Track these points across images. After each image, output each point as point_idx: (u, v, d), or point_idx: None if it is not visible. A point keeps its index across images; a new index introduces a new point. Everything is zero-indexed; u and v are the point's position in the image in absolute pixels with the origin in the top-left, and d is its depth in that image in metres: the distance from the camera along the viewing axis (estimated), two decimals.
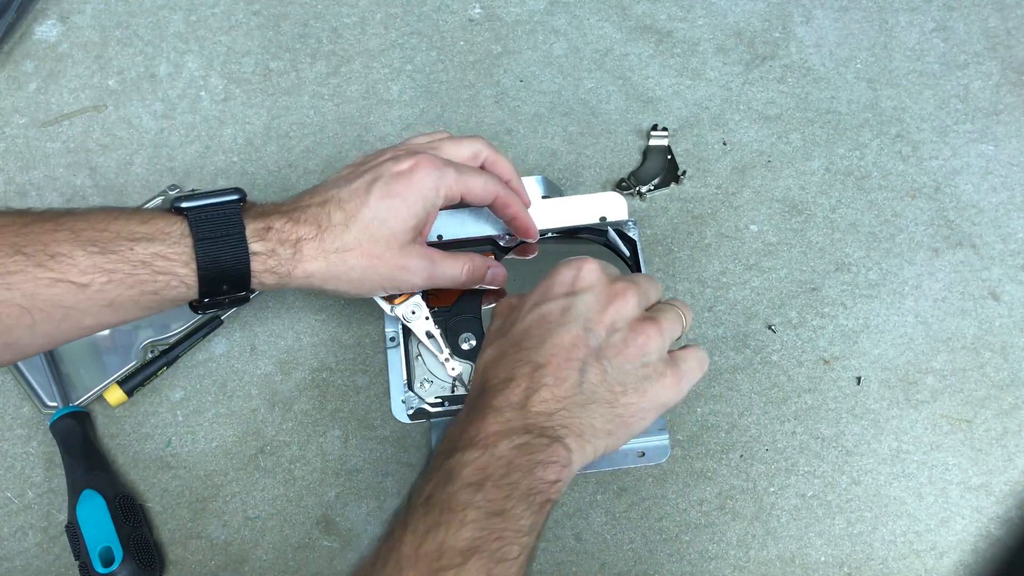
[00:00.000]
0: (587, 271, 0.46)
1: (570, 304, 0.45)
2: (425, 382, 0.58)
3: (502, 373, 0.44)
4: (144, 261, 0.44)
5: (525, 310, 0.47)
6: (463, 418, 0.44)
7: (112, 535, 0.53)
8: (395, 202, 0.49)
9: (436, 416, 0.58)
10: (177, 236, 0.45)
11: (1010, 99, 0.72)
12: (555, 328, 0.44)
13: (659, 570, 0.56)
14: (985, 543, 0.57)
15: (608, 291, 0.46)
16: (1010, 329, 0.64)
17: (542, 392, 0.43)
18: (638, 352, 0.45)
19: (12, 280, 0.41)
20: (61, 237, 0.42)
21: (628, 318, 0.45)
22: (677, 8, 0.76)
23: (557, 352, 0.44)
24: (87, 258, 0.42)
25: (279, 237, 0.47)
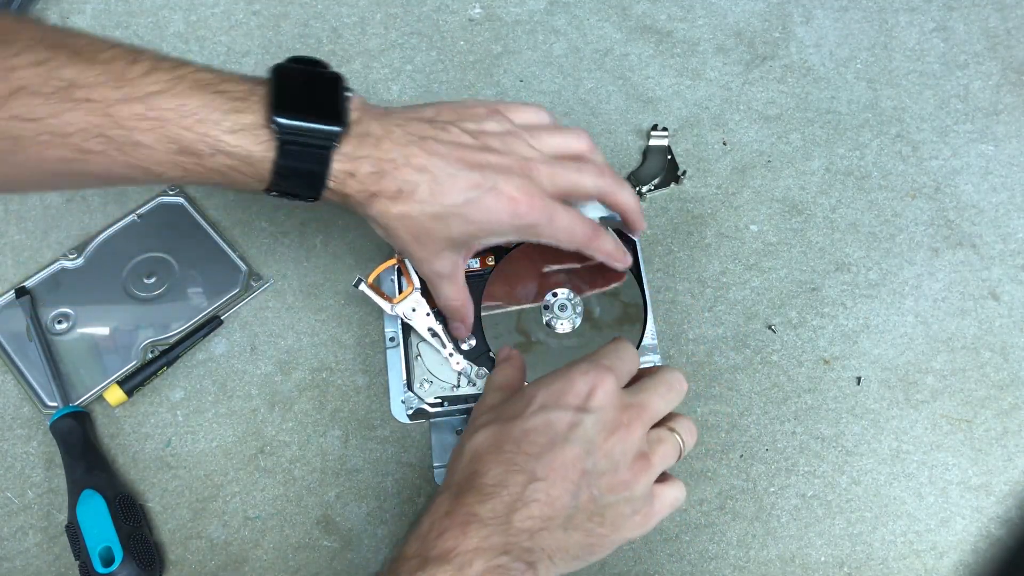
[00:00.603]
0: (602, 392, 0.44)
1: (578, 421, 0.43)
2: (424, 382, 0.58)
3: (494, 473, 0.42)
4: (221, 170, 0.44)
5: (532, 408, 0.44)
6: (443, 509, 0.42)
7: (112, 535, 0.53)
8: (474, 222, 0.48)
9: (435, 416, 0.58)
10: (259, 157, 0.45)
11: (1010, 99, 0.72)
12: (559, 442, 0.43)
13: (659, 570, 0.56)
14: (985, 543, 0.57)
15: (617, 419, 0.44)
16: (1010, 329, 0.64)
17: (532, 508, 0.41)
18: (626, 488, 0.44)
19: (91, 158, 0.42)
20: (146, 127, 0.42)
21: (627, 450, 0.44)
22: (677, 8, 0.76)
23: (556, 469, 0.42)
24: (167, 154, 0.43)
25: (358, 186, 0.47)
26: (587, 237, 0.53)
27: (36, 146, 0.42)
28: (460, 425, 0.58)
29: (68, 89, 0.41)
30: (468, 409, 0.57)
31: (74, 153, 0.42)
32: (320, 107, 0.45)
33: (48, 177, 0.45)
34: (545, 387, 0.45)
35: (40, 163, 0.43)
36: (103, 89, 0.41)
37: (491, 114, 0.51)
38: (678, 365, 0.62)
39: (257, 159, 0.44)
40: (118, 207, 0.66)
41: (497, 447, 0.43)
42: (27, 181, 0.47)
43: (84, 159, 0.42)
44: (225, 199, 0.67)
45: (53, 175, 0.45)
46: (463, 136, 0.49)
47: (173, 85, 0.43)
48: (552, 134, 0.52)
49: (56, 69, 0.40)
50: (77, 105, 0.41)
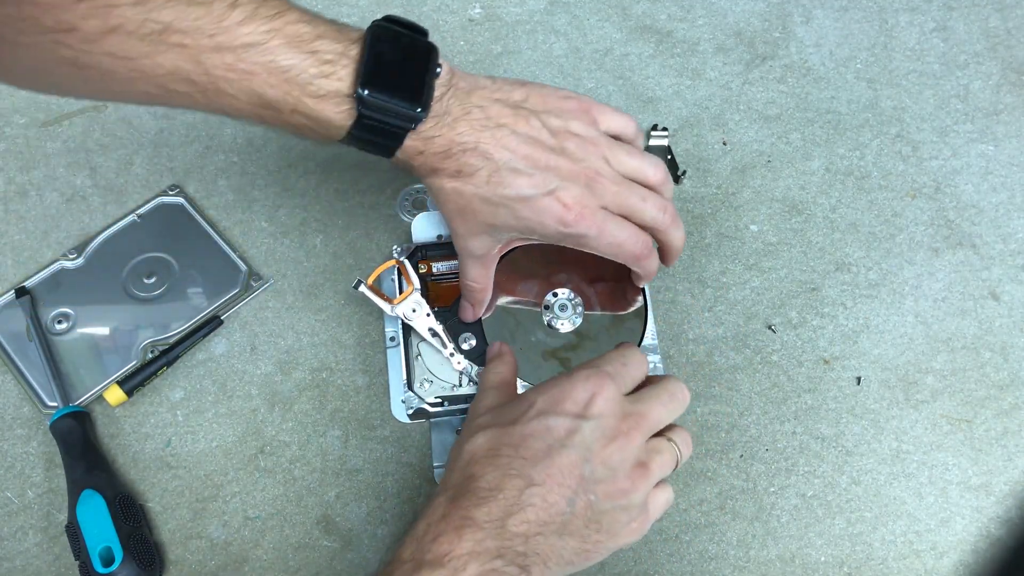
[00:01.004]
0: (603, 399, 0.44)
1: (577, 428, 0.43)
2: (425, 382, 0.58)
3: (491, 477, 0.42)
4: (297, 125, 0.45)
5: (531, 413, 0.44)
6: (439, 512, 0.42)
7: (112, 535, 0.53)
8: (517, 216, 0.48)
9: (436, 416, 0.58)
10: (338, 123, 0.45)
11: (1010, 99, 0.72)
12: (557, 448, 0.43)
13: (659, 570, 0.56)
14: (985, 543, 0.57)
15: (616, 427, 0.44)
16: (1010, 329, 0.64)
17: (527, 512, 0.41)
18: (624, 496, 0.44)
19: (175, 99, 0.43)
20: (233, 77, 0.42)
21: (625, 458, 0.44)
22: (677, 8, 0.76)
23: (553, 474, 0.42)
24: (248, 107, 0.43)
25: (423, 160, 0.47)
26: (636, 256, 0.52)
27: (125, 81, 0.42)
28: (460, 425, 0.58)
29: (163, 32, 0.40)
30: (468, 409, 0.57)
31: (159, 91, 0.42)
32: (407, 84, 0.45)
33: (130, 101, 0.46)
34: (545, 392, 0.45)
35: (126, 92, 0.44)
36: (197, 35, 0.41)
37: (580, 113, 0.50)
38: (678, 365, 0.62)
39: (334, 125, 0.45)
40: (118, 207, 0.66)
41: (494, 451, 0.43)
42: (109, 98, 0.48)
43: (168, 97, 0.43)
44: (225, 199, 0.67)
45: (136, 101, 0.46)
46: (542, 132, 0.48)
47: (268, 38, 0.42)
48: (631, 155, 0.51)
49: (155, 10, 0.40)
50: (170, 48, 0.40)
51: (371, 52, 0.44)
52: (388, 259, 0.59)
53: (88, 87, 0.44)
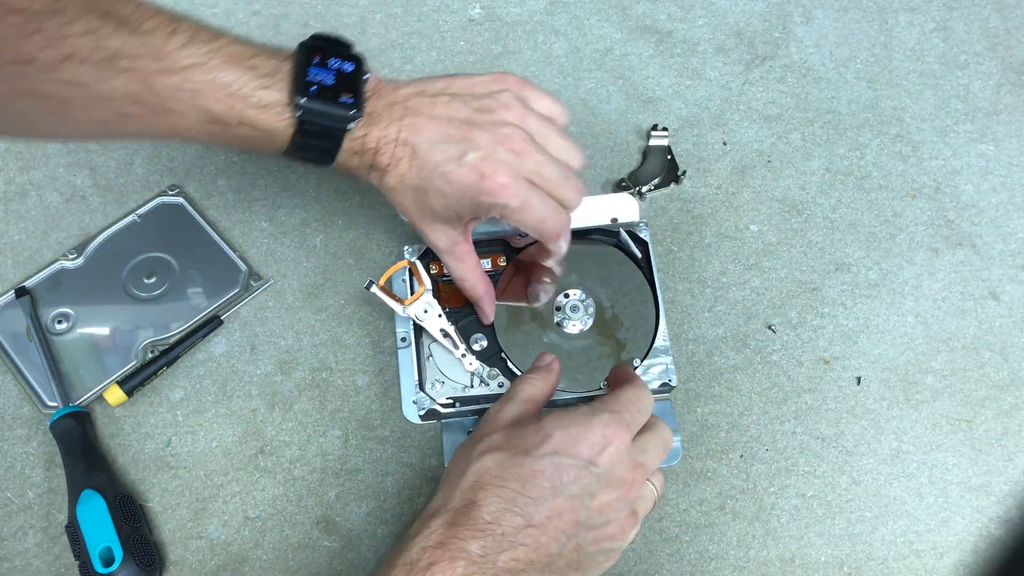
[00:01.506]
0: (615, 449, 0.44)
1: (584, 476, 0.43)
2: (436, 383, 0.58)
3: (491, 509, 0.42)
4: (243, 137, 0.47)
5: (544, 448, 0.44)
6: (435, 538, 0.42)
7: (112, 535, 0.53)
8: (448, 195, 0.49)
9: (447, 417, 0.58)
10: (281, 131, 0.48)
11: (1010, 99, 0.72)
12: (561, 491, 0.43)
13: (659, 570, 0.56)
14: (985, 543, 0.57)
15: (621, 477, 0.45)
16: (1010, 329, 0.64)
17: (519, 551, 0.42)
18: (611, 542, 0.45)
19: (128, 122, 0.46)
20: (181, 97, 0.45)
21: (623, 509, 0.45)
22: (677, 8, 0.76)
23: (553, 518, 0.43)
24: (196, 123, 0.46)
25: (360, 160, 0.50)
26: (556, 234, 0.52)
27: (82, 108, 0.44)
28: (472, 425, 0.58)
29: (114, 59, 0.43)
30: (480, 410, 0.57)
31: (114, 116, 0.45)
32: (339, 91, 0.48)
33: (86, 133, 0.49)
34: (563, 429, 0.45)
35: (83, 123, 0.46)
36: (144, 60, 0.44)
37: (509, 92, 0.51)
38: (678, 365, 0.61)
39: (278, 133, 0.48)
40: (118, 207, 0.66)
41: (502, 480, 0.43)
42: (67, 135, 0.51)
43: (122, 123, 0.46)
44: (225, 199, 0.67)
45: (90, 133, 0.49)
46: (461, 109, 0.49)
47: (208, 59, 0.45)
48: (560, 135, 0.52)
49: (104, 38, 0.43)
50: (121, 73, 0.43)
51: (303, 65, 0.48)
52: (399, 259, 0.59)
53: (46, 121, 0.47)
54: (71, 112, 0.45)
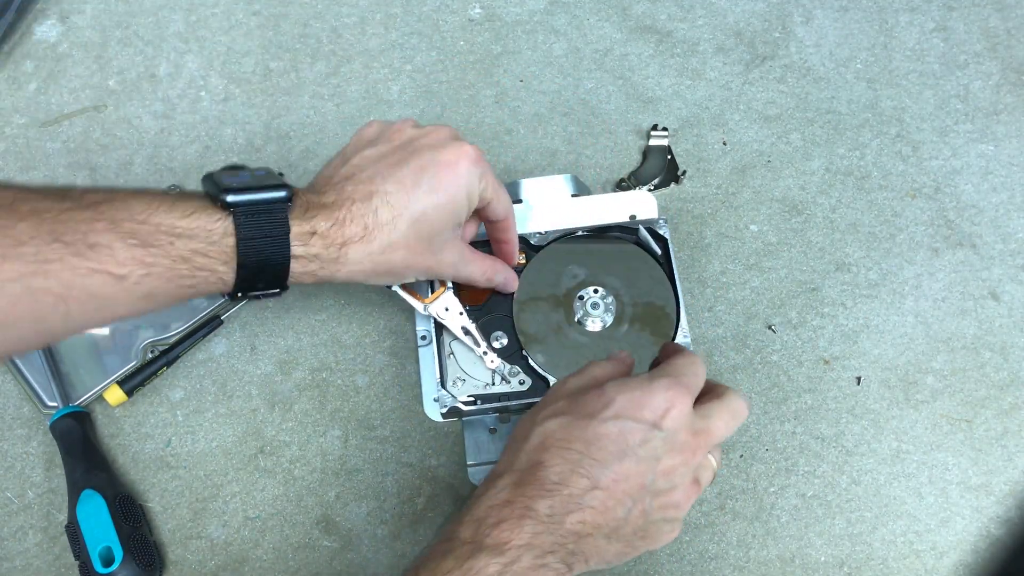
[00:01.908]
0: (677, 412, 0.44)
1: (650, 439, 0.43)
2: (458, 380, 0.58)
3: (559, 469, 0.42)
4: (184, 257, 0.43)
5: (608, 413, 0.44)
6: (502, 496, 0.42)
7: (112, 535, 0.53)
8: (442, 198, 0.48)
9: (469, 415, 0.58)
10: (219, 235, 0.44)
11: (1010, 99, 0.72)
12: (627, 455, 0.43)
13: (659, 570, 0.56)
14: (985, 543, 0.57)
15: (685, 442, 0.44)
16: (1010, 329, 0.64)
17: (585, 513, 0.42)
18: (675, 509, 0.45)
19: (50, 268, 0.39)
20: (100, 227, 0.41)
21: (687, 475, 0.45)
22: (677, 8, 0.76)
23: (619, 480, 0.42)
24: (126, 250, 0.41)
25: (324, 243, 0.46)
26: (510, 216, 0.55)
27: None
28: (493, 423, 0.58)
29: (12, 205, 0.39)
30: (501, 408, 0.57)
31: (31, 266, 0.39)
32: (260, 186, 0.45)
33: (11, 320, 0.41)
34: (626, 393, 0.44)
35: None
36: (47, 202, 0.40)
37: (396, 124, 0.52)
38: None
39: (218, 235, 0.44)
40: None
41: (566, 442, 0.43)
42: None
43: (44, 271, 0.39)
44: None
45: (13, 308, 0.40)
46: (380, 148, 0.50)
47: (112, 196, 0.42)
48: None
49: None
50: (24, 217, 0.39)
51: (211, 179, 0.46)
52: None
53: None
54: None
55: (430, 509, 0.58)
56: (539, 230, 0.61)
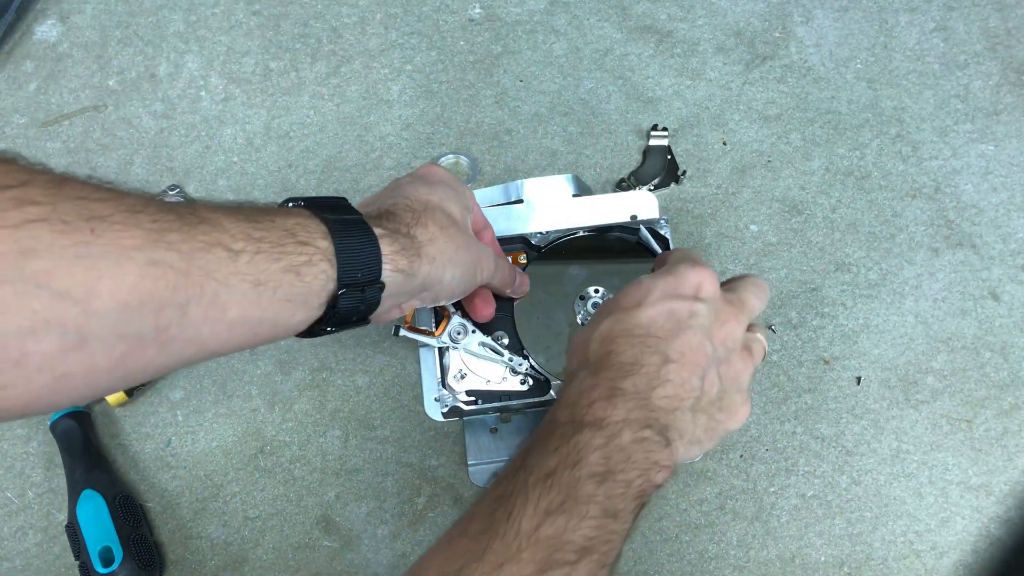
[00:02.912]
0: (709, 284, 0.46)
1: (696, 310, 0.45)
2: (459, 373, 0.58)
3: (629, 353, 0.44)
4: (287, 229, 0.40)
5: (652, 297, 0.46)
6: (587, 383, 0.43)
7: (112, 535, 0.53)
8: (445, 189, 0.49)
9: (470, 414, 0.58)
10: (308, 215, 0.42)
11: (1010, 99, 0.72)
12: (684, 328, 0.44)
13: (659, 570, 0.56)
14: (985, 543, 0.57)
15: (724, 310, 0.46)
16: (1010, 329, 0.64)
17: (667, 387, 0.43)
18: (738, 376, 0.46)
19: (171, 239, 0.35)
20: (203, 206, 0.38)
21: (736, 340, 0.46)
22: (677, 8, 0.76)
23: (685, 352, 0.44)
24: (235, 224, 0.38)
25: (393, 227, 0.46)
26: (489, 227, 0.56)
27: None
28: (494, 423, 0.58)
29: (112, 187, 0.36)
30: (502, 407, 0.57)
31: (152, 235, 0.35)
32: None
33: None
34: (659, 279, 0.46)
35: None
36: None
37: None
38: None
39: (306, 213, 0.43)
40: None
41: (627, 331, 0.45)
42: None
43: (165, 242, 0.35)
44: (225, 199, 0.67)
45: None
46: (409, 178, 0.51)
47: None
48: None
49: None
50: (129, 193, 0.36)
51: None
52: None
53: None
54: None
55: (430, 509, 0.58)
56: (540, 230, 0.61)
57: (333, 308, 0.42)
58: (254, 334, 0.40)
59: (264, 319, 0.40)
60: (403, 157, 0.69)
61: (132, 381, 0.37)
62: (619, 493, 0.40)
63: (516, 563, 0.38)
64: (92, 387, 0.35)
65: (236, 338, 0.39)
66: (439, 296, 0.49)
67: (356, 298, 0.43)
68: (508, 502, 0.39)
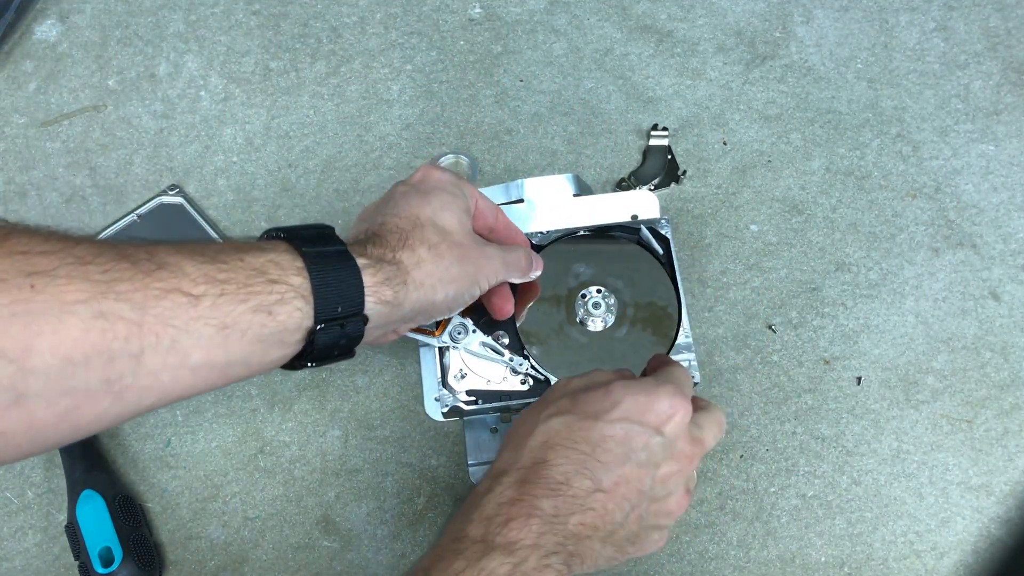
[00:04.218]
0: (680, 419, 0.44)
1: (653, 445, 0.43)
2: (460, 372, 0.58)
3: (563, 469, 0.42)
4: (257, 268, 0.40)
5: (614, 414, 0.44)
6: (508, 495, 0.42)
7: (112, 535, 0.53)
8: (442, 197, 0.49)
9: (470, 414, 0.58)
10: (284, 248, 0.42)
11: (1010, 99, 0.72)
12: (630, 459, 0.43)
13: (659, 570, 0.56)
14: (985, 543, 0.57)
15: (683, 452, 0.45)
16: (1010, 329, 0.64)
17: (587, 515, 0.42)
18: (667, 518, 0.45)
19: (120, 288, 0.34)
20: (164, 250, 0.37)
21: (681, 484, 0.45)
22: (677, 8, 0.76)
23: (621, 485, 0.43)
24: (196, 267, 0.37)
25: (378, 254, 0.45)
26: (500, 212, 0.56)
27: None
28: (494, 423, 0.58)
29: (65, 236, 0.36)
30: (502, 407, 0.57)
31: (100, 286, 0.35)
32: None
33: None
34: (632, 395, 0.44)
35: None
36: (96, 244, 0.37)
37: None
38: None
39: (288, 259, 0.42)
40: (118, 207, 0.66)
41: (571, 441, 0.43)
42: None
43: (115, 292, 0.35)
44: (225, 199, 0.67)
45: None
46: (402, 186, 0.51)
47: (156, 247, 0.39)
48: None
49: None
50: (81, 241, 0.36)
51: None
52: None
53: None
54: None
55: (430, 509, 0.58)
56: (541, 230, 0.61)
57: (312, 344, 0.41)
58: (224, 376, 0.40)
59: (233, 361, 0.39)
60: (403, 157, 0.69)
61: (85, 432, 0.36)
62: None
63: None
64: (36, 442, 0.35)
65: (203, 381, 0.39)
66: (435, 315, 0.49)
67: (335, 333, 0.42)
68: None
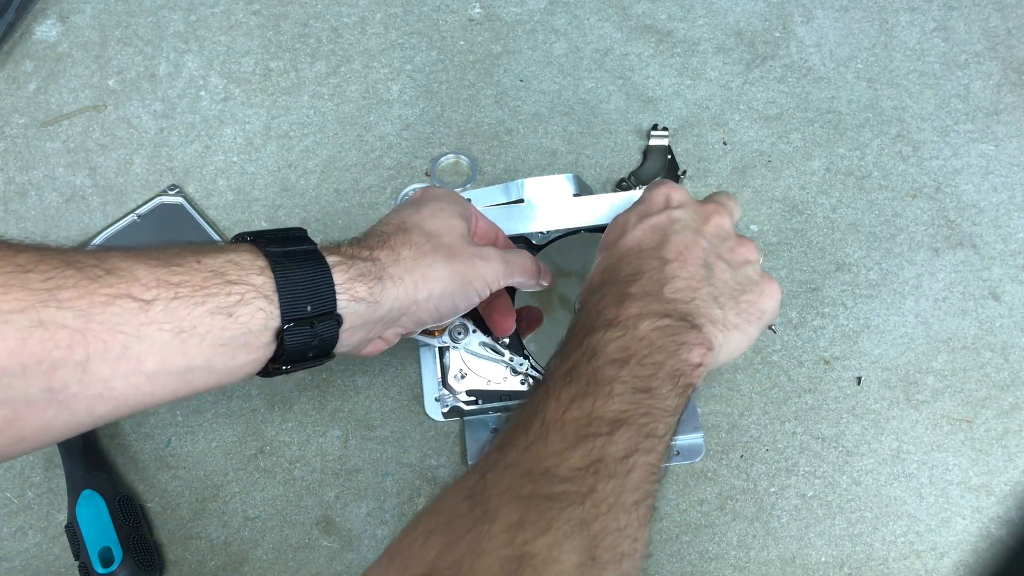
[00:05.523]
0: (676, 192, 0.48)
1: (675, 217, 0.47)
2: (460, 372, 0.58)
3: (628, 268, 0.45)
4: (215, 270, 0.38)
5: (631, 223, 0.48)
6: (594, 299, 0.44)
7: (112, 535, 0.53)
8: (434, 205, 0.49)
9: (470, 414, 0.58)
10: (246, 249, 0.40)
11: (1010, 99, 0.72)
12: (671, 233, 0.46)
13: (659, 570, 0.56)
14: (985, 543, 0.57)
15: (702, 209, 0.48)
16: (1010, 329, 0.63)
17: (676, 283, 0.44)
18: (745, 259, 0.47)
19: (62, 296, 0.33)
20: (116, 255, 0.36)
21: (729, 231, 0.48)
22: (677, 8, 0.76)
23: (681, 250, 0.45)
24: (149, 272, 0.36)
25: (352, 252, 0.44)
26: (499, 231, 0.57)
27: None
28: (495, 423, 0.58)
29: (7, 245, 0.34)
30: (503, 407, 0.57)
31: (40, 294, 0.33)
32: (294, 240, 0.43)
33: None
34: (632, 208, 0.49)
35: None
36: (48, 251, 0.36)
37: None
38: None
39: (249, 259, 0.40)
40: (118, 207, 0.66)
41: (619, 258, 0.47)
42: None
43: (56, 300, 0.34)
44: (225, 199, 0.67)
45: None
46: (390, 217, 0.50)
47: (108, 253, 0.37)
48: None
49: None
50: (24, 249, 0.35)
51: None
52: None
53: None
54: None
55: None
56: (541, 229, 0.61)
57: (282, 345, 0.40)
58: (187, 382, 0.38)
59: (194, 366, 0.37)
60: (403, 157, 0.69)
61: (32, 443, 0.35)
62: (647, 374, 0.40)
63: (543, 443, 0.37)
64: None
65: (163, 388, 0.37)
66: (423, 319, 0.47)
67: (306, 334, 0.40)
68: (531, 404, 0.40)
